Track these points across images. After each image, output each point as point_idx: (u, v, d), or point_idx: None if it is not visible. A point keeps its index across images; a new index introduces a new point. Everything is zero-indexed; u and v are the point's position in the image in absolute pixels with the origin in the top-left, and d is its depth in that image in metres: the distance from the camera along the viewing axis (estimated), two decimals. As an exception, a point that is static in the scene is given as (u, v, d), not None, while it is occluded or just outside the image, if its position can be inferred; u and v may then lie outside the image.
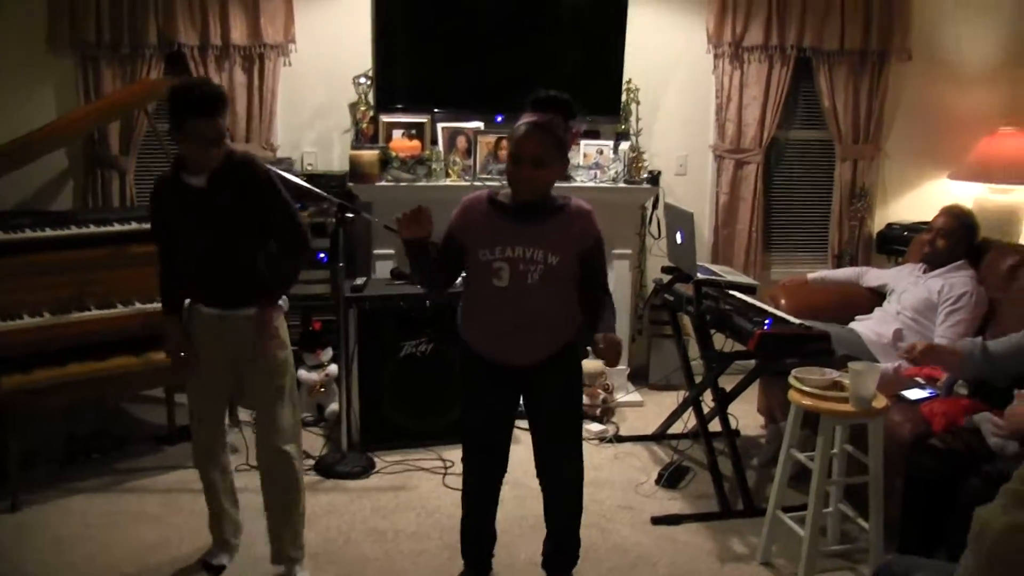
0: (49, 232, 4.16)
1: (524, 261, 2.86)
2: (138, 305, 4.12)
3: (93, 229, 4.25)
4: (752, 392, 4.59)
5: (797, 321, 3.89)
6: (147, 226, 3.47)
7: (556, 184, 2.95)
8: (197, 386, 3.32)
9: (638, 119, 5.43)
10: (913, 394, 3.63)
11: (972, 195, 5.72)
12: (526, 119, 2.85)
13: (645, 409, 5.26)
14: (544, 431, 3.14)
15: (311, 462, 4.35)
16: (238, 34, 5.07)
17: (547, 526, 3.30)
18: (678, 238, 4.27)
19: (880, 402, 3.21)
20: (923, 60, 5.77)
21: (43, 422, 4.35)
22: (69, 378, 3.92)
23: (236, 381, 3.33)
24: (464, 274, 3.08)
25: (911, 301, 4.28)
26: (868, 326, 4.34)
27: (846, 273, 4.97)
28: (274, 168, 4.00)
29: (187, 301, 3.28)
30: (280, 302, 3.30)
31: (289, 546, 3.33)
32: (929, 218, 5.47)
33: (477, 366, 3.06)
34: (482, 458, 3.22)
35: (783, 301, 4.60)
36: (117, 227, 4.28)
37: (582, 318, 3.00)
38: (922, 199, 5.95)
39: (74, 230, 4.22)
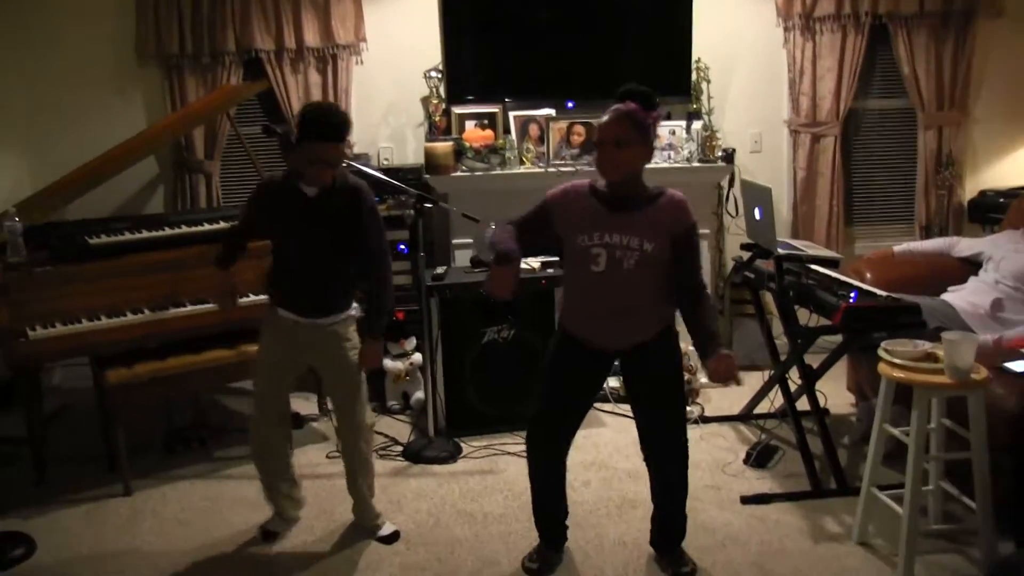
0: (146, 234, 4.38)
1: (620, 248, 2.96)
2: (251, 296, 4.31)
3: (185, 229, 4.46)
4: (841, 369, 4.52)
5: (884, 293, 3.80)
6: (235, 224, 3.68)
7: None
8: (261, 380, 3.56)
9: (709, 98, 5.40)
10: (1018, 366, 3.50)
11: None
12: (610, 108, 2.98)
13: (730, 389, 5.19)
14: (648, 408, 3.18)
15: (399, 448, 4.44)
16: (311, 37, 5.21)
17: (654, 503, 3.34)
18: (756, 214, 4.22)
19: (980, 374, 3.07)
20: (1018, 15, 5.55)
21: (145, 413, 4.55)
22: (168, 371, 4.10)
23: (298, 377, 3.63)
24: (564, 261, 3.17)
25: (1011, 269, 4.13)
26: (962, 297, 4.20)
27: (935, 244, 4.81)
28: (353, 163, 4.17)
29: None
30: (351, 310, 3.50)
31: (370, 512, 3.68)
32: (1026, 183, 5.30)
33: (571, 344, 3.13)
34: (551, 431, 3.26)
35: (868, 275, 4.50)
36: (207, 226, 4.48)
37: (685, 317, 3.06)
38: (1017, 164, 5.75)
39: (168, 231, 4.44)
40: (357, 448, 3.57)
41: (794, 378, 4.28)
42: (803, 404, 4.19)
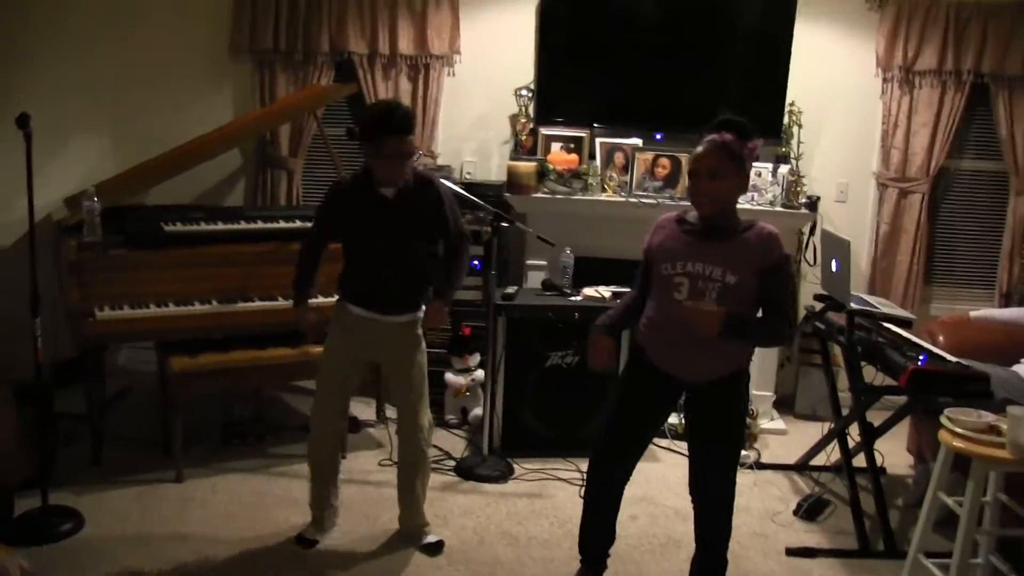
0: (221, 226, 4.44)
1: (703, 278, 2.93)
2: (320, 298, 4.31)
3: (261, 225, 4.52)
4: (902, 430, 4.44)
5: (954, 359, 3.73)
6: (311, 225, 3.71)
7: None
8: (326, 377, 3.60)
9: (799, 142, 5.33)
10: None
11: None
12: (704, 139, 2.97)
13: (788, 438, 5.15)
14: (704, 446, 3.14)
15: (451, 463, 4.46)
16: (405, 44, 5.27)
17: (696, 543, 3.29)
18: (833, 266, 4.17)
19: (1041, 451, 3.03)
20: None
21: (204, 404, 4.62)
22: (231, 364, 4.18)
23: (363, 377, 3.70)
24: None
25: (1085, 345, 4.04)
26: (1035, 369, 4.13)
27: (1014, 313, 4.71)
28: (433, 175, 4.22)
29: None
30: (420, 312, 3.54)
31: (417, 517, 3.70)
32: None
33: (645, 368, 3.12)
34: (614, 451, 3.26)
35: (941, 338, 4.42)
36: (283, 224, 4.53)
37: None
38: (1103, 239, 5.59)
39: (243, 225, 4.51)
40: (418, 448, 3.61)
41: (854, 434, 4.22)
42: (859, 461, 4.12)
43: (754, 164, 5.09)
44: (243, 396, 4.76)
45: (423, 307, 3.55)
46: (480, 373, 5.00)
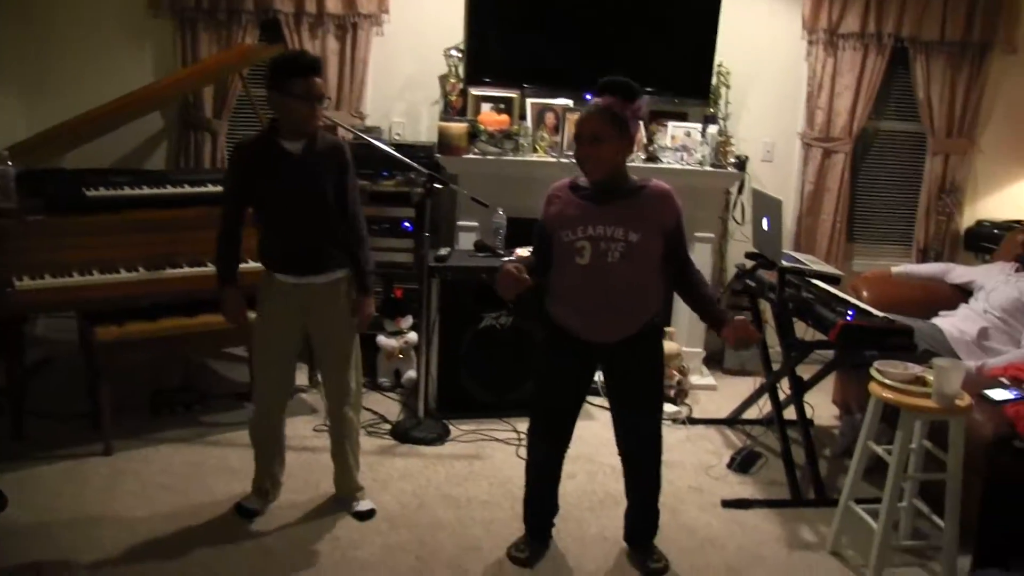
0: (147, 190, 4.31)
1: (605, 239, 2.96)
2: (251, 262, 4.16)
3: (188, 189, 4.40)
4: (826, 382, 4.56)
5: (880, 314, 3.84)
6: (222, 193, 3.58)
7: (640, 165, 3.01)
8: (265, 355, 3.50)
9: (727, 103, 5.39)
10: (997, 394, 3.57)
11: (1069, 196, 5.56)
12: (590, 103, 3.00)
13: (718, 393, 5.26)
14: (625, 402, 3.21)
15: (387, 427, 4.44)
16: (333, 3, 5.14)
17: (628, 498, 3.39)
18: (764, 224, 4.24)
19: (964, 400, 3.16)
20: (1030, 54, 5.58)
21: (132, 374, 4.49)
22: (159, 333, 4.07)
23: (301, 346, 3.59)
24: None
25: (1000, 300, 4.21)
26: (952, 323, 4.28)
27: (931, 268, 4.91)
28: (362, 135, 4.17)
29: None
30: (345, 269, 3.46)
31: (350, 480, 3.67)
32: (1022, 216, 5.40)
33: (560, 338, 3.14)
34: (549, 427, 3.30)
35: (865, 293, 4.57)
36: (211, 188, 4.40)
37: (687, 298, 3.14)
38: (1015, 197, 5.81)
39: (170, 189, 4.38)
40: (345, 414, 3.56)
41: (783, 387, 4.34)
42: (789, 413, 4.24)
43: (683, 124, 5.20)
44: (172, 364, 4.65)
45: (345, 268, 3.46)
46: (413, 335, 4.98)
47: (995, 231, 5.48)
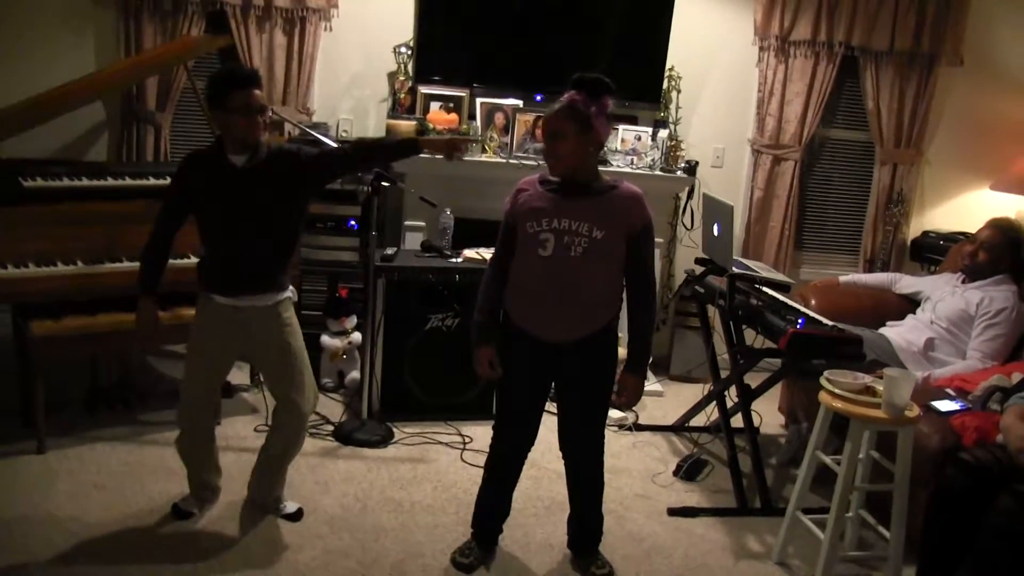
0: (86, 182, 4.17)
1: (569, 233, 2.92)
2: (169, 261, 4.10)
3: (129, 182, 4.27)
4: (773, 390, 4.56)
5: (830, 323, 3.84)
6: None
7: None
8: (196, 371, 3.37)
9: (678, 107, 5.39)
10: (944, 405, 3.59)
11: (1013, 207, 5.63)
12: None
13: (664, 400, 5.24)
14: (573, 407, 3.17)
15: (330, 428, 4.36)
16: (282, -5, 5.04)
17: (571, 505, 3.35)
18: (715, 230, 4.23)
19: (913, 411, 3.16)
20: (974, 66, 5.66)
21: (66, 369, 4.34)
22: (97, 328, 3.94)
23: (233, 364, 3.53)
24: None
25: (947, 311, 4.24)
26: (899, 333, 4.31)
27: (879, 278, 4.93)
28: (310, 131, 4.11)
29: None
30: (288, 292, 3.37)
31: (279, 488, 3.57)
32: (967, 228, 5.48)
33: (516, 339, 3.09)
34: (512, 430, 3.26)
35: (813, 301, 4.57)
36: (153, 181, 4.30)
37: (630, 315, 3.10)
38: (961, 208, 5.89)
39: (110, 181, 4.24)
40: (298, 437, 3.47)
41: (730, 395, 4.33)
42: (736, 421, 4.23)
43: (634, 128, 5.18)
44: (109, 361, 4.51)
45: (291, 288, 3.37)
46: (357, 336, 4.90)
47: (941, 242, 5.55)
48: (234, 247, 3.22)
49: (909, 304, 4.62)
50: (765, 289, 4.15)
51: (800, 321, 3.76)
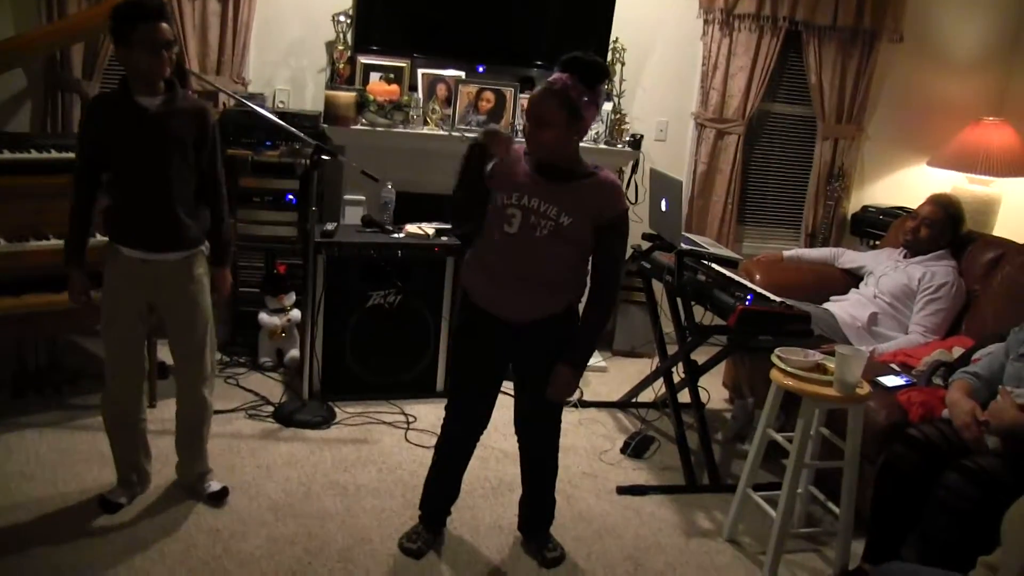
0: (7, 155, 3.94)
1: (537, 213, 2.84)
2: (99, 236, 3.88)
3: (55, 155, 4.04)
4: (717, 365, 4.56)
5: (778, 299, 3.83)
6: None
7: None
8: (113, 333, 3.23)
9: (622, 80, 5.31)
10: (889, 381, 3.61)
11: (950, 183, 5.69)
12: (547, 79, 2.83)
13: (609, 375, 5.21)
14: (530, 390, 3.09)
15: (270, 409, 4.25)
16: (214, -40, 4.83)
17: (523, 486, 3.31)
18: (663, 206, 4.18)
19: (864, 389, 3.16)
20: (914, 43, 5.70)
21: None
22: (24, 309, 3.75)
23: (151, 326, 3.38)
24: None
25: (889, 286, 4.27)
26: (843, 308, 4.33)
27: (822, 253, 4.95)
28: (245, 101, 3.93)
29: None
30: (201, 247, 3.25)
31: (200, 465, 3.48)
32: (905, 203, 5.53)
33: (472, 315, 3.02)
34: (466, 410, 3.19)
35: (758, 276, 4.57)
36: (80, 153, 4.08)
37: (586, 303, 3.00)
38: (899, 183, 5.95)
39: (34, 154, 4.02)
40: (203, 397, 3.35)
41: (676, 370, 4.31)
42: (682, 397, 4.21)
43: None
44: (36, 344, 4.32)
45: (204, 242, 3.23)
46: (296, 313, 4.77)
47: (880, 217, 5.59)
48: (138, 196, 3.07)
49: (851, 279, 4.65)
50: (713, 265, 4.12)
51: (748, 297, 3.75)
